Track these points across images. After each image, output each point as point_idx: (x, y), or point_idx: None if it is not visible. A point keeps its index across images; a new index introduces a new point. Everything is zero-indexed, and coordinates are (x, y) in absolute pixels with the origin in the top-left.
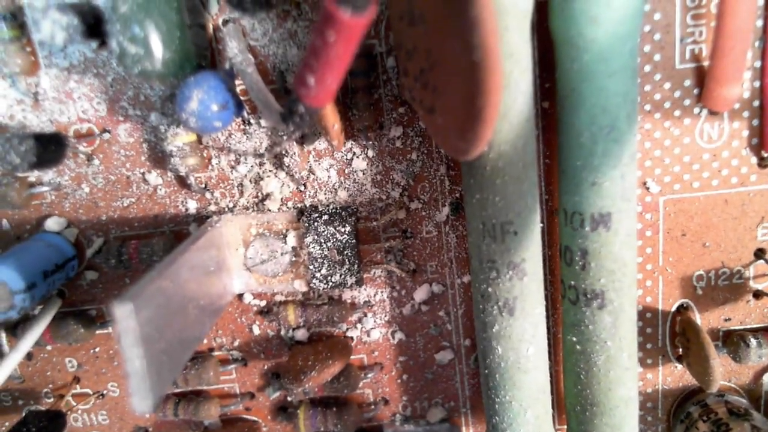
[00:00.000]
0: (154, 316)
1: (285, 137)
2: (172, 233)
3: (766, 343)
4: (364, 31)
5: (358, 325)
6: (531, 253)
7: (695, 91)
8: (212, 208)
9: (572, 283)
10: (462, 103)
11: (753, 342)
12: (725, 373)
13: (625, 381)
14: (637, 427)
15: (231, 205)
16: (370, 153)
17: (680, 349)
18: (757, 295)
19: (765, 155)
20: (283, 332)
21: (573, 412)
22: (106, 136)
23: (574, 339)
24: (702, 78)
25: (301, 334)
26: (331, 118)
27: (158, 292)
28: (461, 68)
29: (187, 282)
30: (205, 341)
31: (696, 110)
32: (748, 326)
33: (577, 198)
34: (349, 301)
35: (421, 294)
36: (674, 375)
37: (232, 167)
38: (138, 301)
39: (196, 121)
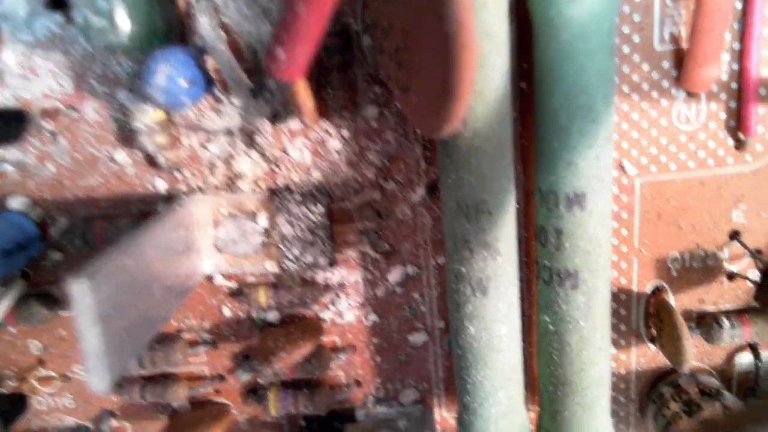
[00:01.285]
0: (114, 294)
1: (256, 115)
2: (141, 214)
3: (738, 324)
4: (333, 2)
5: (331, 307)
6: (505, 234)
7: (673, 73)
8: (182, 187)
9: (546, 263)
10: (436, 80)
11: (726, 323)
12: (698, 354)
13: (598, 361)
14: (609, 407)
15: (201, 185)
16: (345, 133)
17: (653, 331)
18: (731, 276)
19: (742, 138)
20: (254, 314)
21: (545, 392)
22: (73, 113)
23: (548, 319)
24: (680, 59)
25: (272, 316)
26: (304, 96)
27: (119, 269)
28: (435, 44)
29: (153, 261)
30: (174, 323)
31: (674, 92)
32: (722, 308)
33: (553, 177)
34: (321, 282)
35: (395, 276)
36: (647, 356)
37: (203, 146)
38: (95, 278)
39: (163, 97)
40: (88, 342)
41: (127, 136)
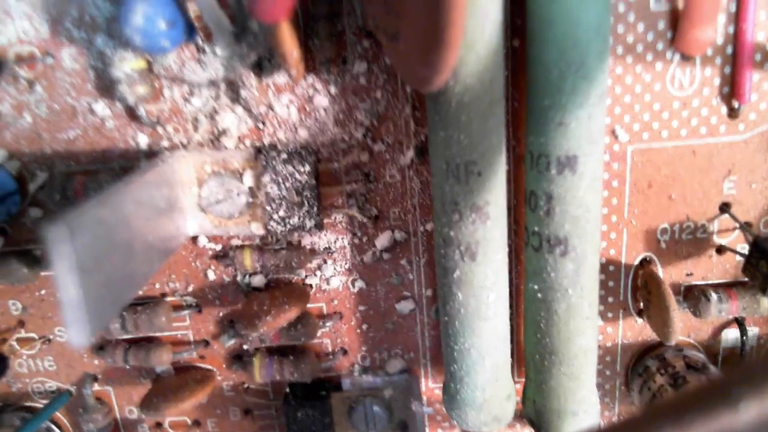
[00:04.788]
0: (92, 245)
1: (241, 64)
2: (122, 170)
3: (726, 298)
4: None
5: (318, 273)
6: (495, 196)
7: (669, 35)
8: (164, 143)
9: (536, 229)
10: (425, 24)
11: (714, 297)
12: (685, 328)
13: (585, 330)
14: (595, 377)
15: (185, 141)
16: (333, 89)
17: (641, 303)
18: (720, 250)
19: (736, 105)
20: (239, 278)
21: (532, 362)
22: (49, 60)
23: (536, 287)
24: (676, 21)
25: (258, 281)
26: (289, 44)
27: (98, 221)
28: None
29: (133, 216)
30: (158, 285)
31: (668, 55)
32: (710, 281)
33: (544, 139)
34: (308, 246)
35: (382, 241)
36: (634, 329)
37: (186, 100)
38: (74, 225)
39: (142, 39)
40: (66, 292)
41: (106, 86)
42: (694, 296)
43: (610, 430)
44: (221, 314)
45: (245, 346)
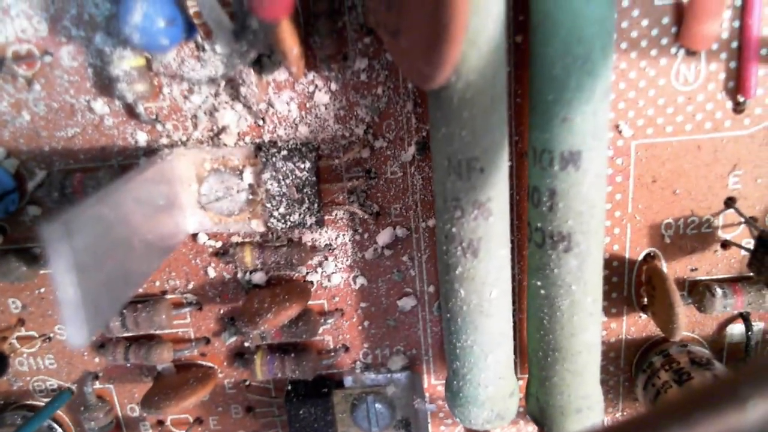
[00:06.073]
0: (91, 244)
1: (240, 62)
2: (120, 167)
3: (731, 293)
4: None
5: (319, 270)
6: (497, 192)
7: (673, 30)
8: (164, 141)
9: (539, 225)
10: (427, 20)
11: (719, 292)
12: (689, 324)
13: (589, 326)
14: (599, 373)
15: (184, 138)
16: (333, 86)
17: (645, 299)
18: (725, 245)
19: (741, 100)
20: (239, 275)
21: (535, 358)
22: (48, 58)
23: (539, 283)
24: (681, 16)
25: (258, 278)
26: (289, 42)
27: (97, 219)
28: None
29: (132, 214)
30: (158, 283)
31: (673, 50)
32: (715, 276)
33: (547, 135)
34: (309, 243)
35: (384, 238)
36: (638, 325)
37: (185, 97)
38: (72, 224)
39: (141, 37)
40: (64, 291)
41: (105, 85)
42: (698, 291)
43: (615, 428)
44: (222, 312)
45: (246, 344)
